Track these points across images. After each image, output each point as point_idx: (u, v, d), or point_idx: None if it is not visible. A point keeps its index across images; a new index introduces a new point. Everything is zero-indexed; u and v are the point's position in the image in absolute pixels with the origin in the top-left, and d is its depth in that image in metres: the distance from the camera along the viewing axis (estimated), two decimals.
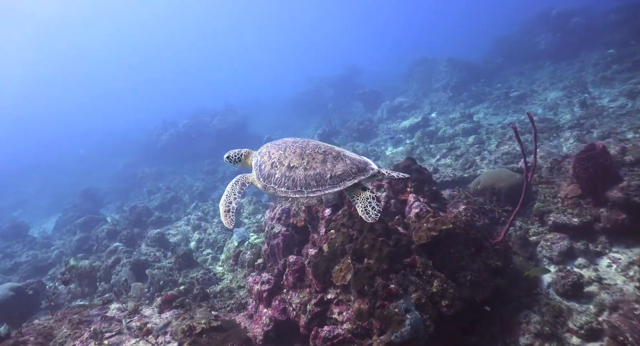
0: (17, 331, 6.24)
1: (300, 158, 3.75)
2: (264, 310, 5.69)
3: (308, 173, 3.65)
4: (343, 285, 4.98)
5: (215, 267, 9.87)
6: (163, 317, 5.95)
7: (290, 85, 40.10)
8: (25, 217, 24.09)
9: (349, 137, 18.90)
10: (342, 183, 3.59)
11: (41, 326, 6.24)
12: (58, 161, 37.16)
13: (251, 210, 13.17)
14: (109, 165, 31.37)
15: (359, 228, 5.19)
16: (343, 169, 3.62)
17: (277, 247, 6.82)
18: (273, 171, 3.82)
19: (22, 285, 10.11)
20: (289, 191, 3.70)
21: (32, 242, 17.25)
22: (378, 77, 33.22)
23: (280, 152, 3.89)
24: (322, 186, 3.62)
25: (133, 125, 40.31)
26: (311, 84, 35.22)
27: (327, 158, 3.69)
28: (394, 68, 34.70)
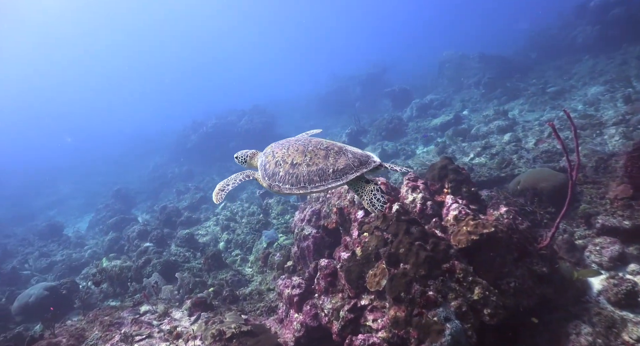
0: (50, 332, 6.30)
1: (303, 155, 3.80)
2: (294, 315, 5.52)
3: (311, 169, 3.70)
4: (378, 290, 4.76)
5: (245, 268, 9.79)
6: (193, 321, 5.86)
7: (317, 84, 40.00)
8: (60, 216, 24.82)
9: (378, 136, 18.56)
10: (345, 176, 3.60)
11: (73, 328, 6.28)
12: (92, 161, 38.22)
13: (279, 211, 13.05)
14: (141, 165, 32.00)
15: (393, 232, 4.94)
16: (345, 163, 3.64)
17: (308, 250, 6.64)
18: (277, 169, 3.89)
19: (56, 284, 10.32)
20: (293, 187, 3.75)
21: (67, 241, 17.70)
22: (406, 74, 32.63)
23: (283, 151, 3.96)
24: (325, 181, 3.64)
25: (163, 126, 41.04)
26: (338, 83, 34.97)
27: (329, 154, 3.73)
28: (423, 65, 34.10)
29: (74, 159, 40.82)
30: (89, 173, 34.37)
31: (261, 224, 12.08)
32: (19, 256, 16.25)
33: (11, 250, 17.31)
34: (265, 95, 43.52)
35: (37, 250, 16.54)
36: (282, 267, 7.65)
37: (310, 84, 42.57)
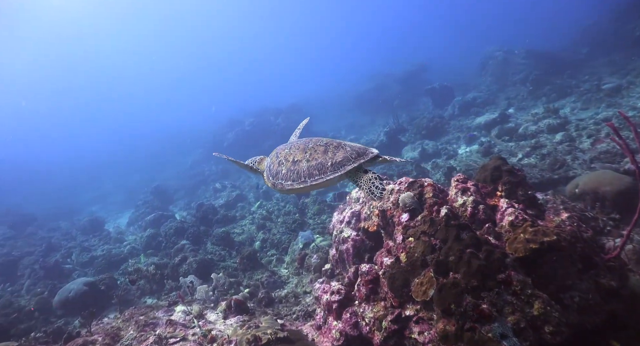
0: (87, 330, 6.28)
1: (304, 152, 3.95)
2: (333, 323, 5.22)
3: (310, 164, 3.84)
4: (424, 300, 4.39)
5: (280, 269, 9.58)
6: (228, 324, 5.68)
7: (353, 82, 39.54)
8: (102, 211, 25.60)
9: (418, 135, 18.00)
10: (343, 168, 3.71)
11: (109, 326, 6.25)
12: (133, 158, 39.34)
13: (316, 210, 12.80)
14: (179, 162, 32.60)
15: (442, 237, 4.56)
16: (343, 156, 3.76)
17: (347, 253, 6.33)
18: (280, 168, 4.06)
19: (95, 280, 10.48)
20: (294, 183, 3.88)
21: (107, 236, 18.15)
22: (446, 72, 31.63)
23: (286, 150, 4.16)
24: (323, 173, 3.76)
25: (201, 124, 41.70)
26: (375, 81, 34.43)
27: (328, 149, 3.87)
28: (464, 62, 33.02)
29: (117, 156, 42.15)
30: (131, 170, 35.37)
31: (297, 224, 11.87)
32: (62, 250, 16.76)
33: (55, 243, 17.91)
34: (302, 94, 43.46)
35: (79, 245, 17.03)
36: (319, 270, 7.38)
37: (347, 82, 42.11)
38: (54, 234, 20.25)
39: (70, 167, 40.90)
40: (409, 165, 14.81)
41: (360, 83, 36.55)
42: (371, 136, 21.84)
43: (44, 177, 38.48)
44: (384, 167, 16.54)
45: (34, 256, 16.18)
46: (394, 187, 5.57)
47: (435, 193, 5.16)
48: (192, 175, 27.31)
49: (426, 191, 5.20)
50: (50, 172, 40.00)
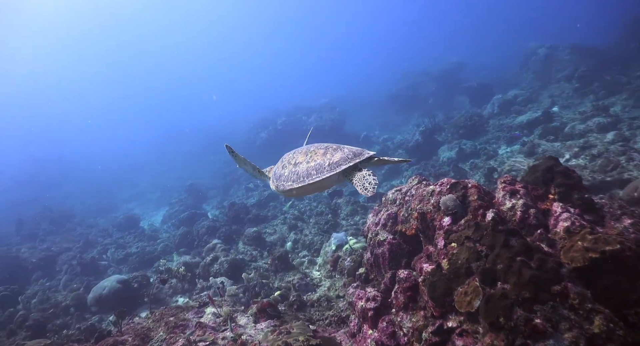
0: (118, 330, 6.25)
1: (305, 155, 4.20)
2: (368, 332, 4.93)
3: (310, 165, 4.06)
4: (469, 312, 4.04)
5: (312, 271, 9.35)
6: (258, 328, 5.49)
7: (387, 81, 38.97)
8: (138, 209, 26.18)
9: (455, 134, 17.40)
10: (339, 167, 3.90)
11: (140, 326, 6.18)
12: (170, 157, 40.18)
13: (349, 211, 12.52)
14: (213, 161, 32.98)
15: (489, 243, 4.19)
16: (340, 156, 3.98)
17: (382, 257, 6.02)
18: (283, 171, 4.34)
19: (128, 277, 10.59)
20: (294, 183, 4.11)
21: (142, 234, 18.47)
22: (485, 70, 30.65)
23: (290, 155, 4.46)
24: (320, 173, 3.96)
25: (235, 124, 42.13)
26: (410, 80, 33.79)
27: (327, 151, 4.09)
28: (502, 60, 31.95)
29: (154, 155, 43.20)
30: (167, 168, 36.12)
31: (330, 225, 11.62)
32: (99, 246, 17.19)
33: (92, 240, 18.39)
34: (335, 93, 43.20)
35: (115, 242, 17.40)
36: (353, 274, 7.09)
37: (380, 81, 41.57)
38: (91, 230, 20.83)
39: (110, 165, 42.21)
40: (445, 166, 14.30)
41: (394, 81, 35.98)
42: (406, 135, 21.36)
43: (85, 174, 39.85)
44: (419, 167, 16.07)
45: (71, 252, 16.67)
46: (435, 188, 5.22)
47: (481, 195, 4.78)
48: (225, 174, 27.54)
49: (470, 193, 4.83)
50: (90, 170, 41.39)
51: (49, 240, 19.80)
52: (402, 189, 6.41)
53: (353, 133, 26.81)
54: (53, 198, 30.13)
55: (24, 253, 17.52)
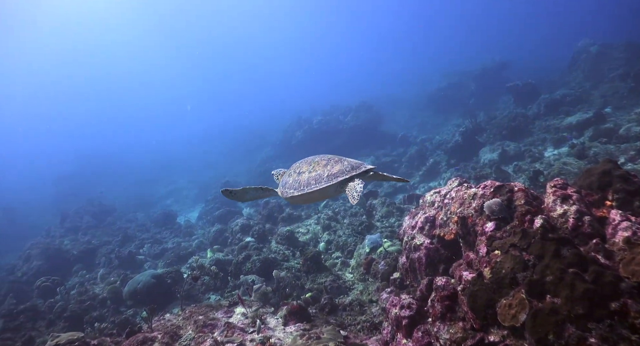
0: (148, 326, 6.25)
1: (308, 165, 4.46)
2: (402, 341, 4.67)
3: (311, 175, 4.31)
4: (513, 326, 3.72)
5: (345, 273, 9.12)
6: (287, 331, 5.33)
7: (427, 80, 38.17)
8: (176, 205, 26.76)
9: (497, 135, 16.69)
10: (336, 178, 4.13)
11: (170, 323, 6.16)
12: (208, 154, 40.96)
13: (384, 213, 12.20)
14: (250, 160, 33.31)
15: (537, 252, 3.84)
16: (339, 169, 4.20)
17: (418, 262, 5.73)
18: (288, 179, 4.59)
19: (162, 273, 10.71)
20: (295, 191, 4.36)
21: (178, 229, 18.81)
22: (530, 69, 29.33)
23: (297, 164, 4.72)
24: (319, 183, 4.20)
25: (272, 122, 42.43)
26: (449, 79, 32.91)
27: (329, 163, 4.33)
28: (551, 59, 30.54)
29: (193, 153, 44.18)
30: (205, 166, 36.82)
31: (364, 226, 11.34)
32: (137, 241, 17.63)
33: (131, 234, 18.89)
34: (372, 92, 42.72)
35: (152, 237, 17.78)
36: (387, 278, 6.81)
37: (421, 81, 40.76)
38: (130, 225, 21.43)
39: (150, 162, 43.49)
40: (487, 168, 13.72)
41: (434, 81, 35.13)
42: (445, 136, 20.76)
43: (126, 170, 41.21)
44: (459, 168, 15.52)
45: (110, 245, 17.16)
46: (477, 191, 4.88)
47: (528, 200, 4.41)
48: (261, 172, 27.69)
49: (517, 197, 4.47)
50: (132, 166, 42.79)
51: (90, 233, 20.55)
52: (441, 191, 6.08)
53: (390, 133, 26.37)
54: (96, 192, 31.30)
55: (67, 245, 18.24)
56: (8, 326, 10.35)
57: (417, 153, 20.00)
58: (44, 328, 9.97)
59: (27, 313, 10.80)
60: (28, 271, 15.72)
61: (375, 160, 20.67)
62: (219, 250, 13.10)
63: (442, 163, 17.50)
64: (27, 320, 10.55)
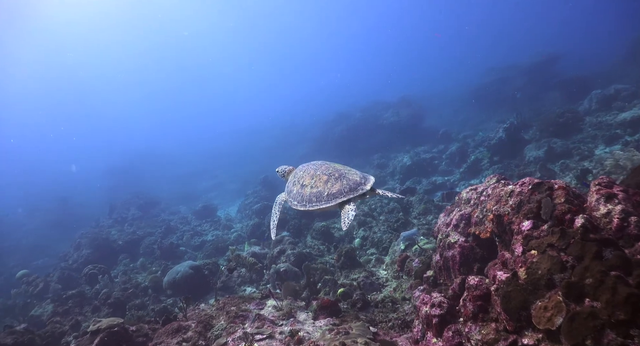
0: (183, 315, 6.45)
1: (311, 178, 4.57)
2: (432, 340, 4.57)
3: (312, 191, 4.46)
4: (548, 329, 3.55)
5: (379, 270, 9.04)
6: (317, 325, 5.34)
7: (471, 75, 37.08)
8: (217, 199, 27.42)
9: (544, 132, 15.94)
10: (334, 200, 4.28)
11: (204, 313, 6.34)
12: (250, 150, 41.74)
13: (421, 210, 11.98)
14: (289, 155, 33.60)
15: (576, 254, 3.65)
16: (338, 189, 4.31)
17: (452, 260, 5.59)
18: (293, 188, 4.77)
19: (200, 264, 11.03)
20: (298, 204, 4.57)
21: (218, 222, 19.28)
22: (582, 63, 27.88)
23: (300, 173, 4.83)
24: (319, 202, 4.37)
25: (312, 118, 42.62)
26: (495, 74, 31.76)
27: (329, 179, 4.41)
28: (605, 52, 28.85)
29: (236, 148, 45.15)
30: (247, 161, 37.52)
31: (400, 223, 11.19)
32: (178, 232, 18.23)
33: (173, 226, 19.57)
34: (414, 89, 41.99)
35: (193, 229, 18.34)
36: (420, 276, 6.68)
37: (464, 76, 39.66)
38: (173, 217, 22.20)
39: (194, 157, 44.85)
40: (531, 166, 13.19)
41: (478, 76, 34.07)
42: (488, 133, 20.10)
43: (172, 165, 42.69)
44: (502, 166, 15.01)
45: (154, 237, 17.84)
46: (514, 188, 4.69)
47: (569, 198, 4.19)
48: None
49: (556, 195, 4.25)
50: (177, 161, 44.30)
51: (135, 225, 21.48)
52: (477, 188, 5.88)
53: (431, 129, 25.84)
54: (142, 186, 32.67)
55: (114, 235, 19.13)
56: (57, 310, 11.00)
57: (458, 150, 19.49)
58: (90, 313, 10.51)
59: (75, 298, 11.44)
60: (78, 258, 16.62)
61: (415, 156, 20.29)
62: (255, 244, 13.34)
63: (484, 161, 16.95)
64: (75, 305, 11.17)
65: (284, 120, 49.85)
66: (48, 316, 11.18)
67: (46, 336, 8.92)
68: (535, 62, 28.83)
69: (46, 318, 11.01)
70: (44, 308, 12.55)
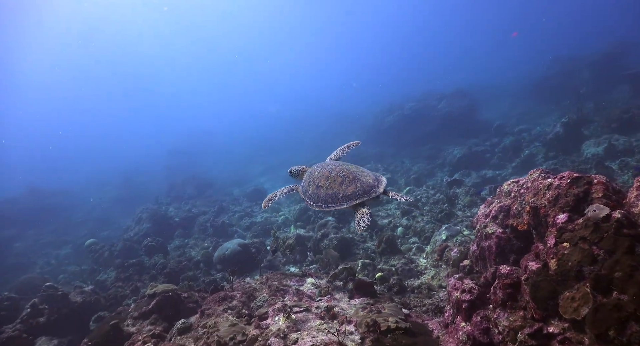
0: (230, 286, 7.00)
1: (326, 180, 4.84)
2: (461, 324, 4.75)
3: (328, 192, 4.73)
4: (574, 319, 3.66)
5: (419, 259, 9.19)
6: (352, 304, 5.65)
7: (532, 67, 35.45)
8: (268, 183, 28.28)
9: (606, 128, 15.19)
10: (349, 202, 4.59)
11: (248, 286, 6.84)
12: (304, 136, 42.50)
13: (467, 202, 11.93)
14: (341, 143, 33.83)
15: (608, 247, 3.69)
16: (352, 191, 4.61)
17: (489, 251, 5.67)
18: (308, 188, 5.06)
19: (248, 242, 11.66)
20: (314, 204, 4.87)
21: None
22: None
23: (315, 174, 5.11)
24: (335, 203, 4.68)
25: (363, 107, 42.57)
26: (559, 66, 30.16)
27: (344, 182, 4.70)
28: None
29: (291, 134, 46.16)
30: (302, 147, 38.27)
31: (444, 214, 11.22)
32: (230, 213, 19.16)
33: (225, 207, 20.59)
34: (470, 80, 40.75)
35: (244, 210, 19.20)
36: (457, 265, 6.80)
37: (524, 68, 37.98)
38: (226, 198, 23.28)
39: (248, 142, 46.36)
40: (588, 163, 12.70)
41: (541, 68, 32.52)
42: (545, 127, 19.37)
43: (228, 148, 44.40)
44: (556, 161, 14.53)
45: (207, 215, 18.89)
46: (553, 181, 4.71)
47: (608, 193, 4.19)
48: (350, 156, 28.01)
49: (594, 190, 4.26)
50: (232, 144, 46.04)
51: (191, 203, 22.81)
52: (519, 181, 5.90)
53: (485, 122, 25.14)
54: (198, 167, 34.36)
55: (171, 212, 20.43)
56: (120, 276, 12.13)
57: (511, 144, 18.92)
58: (148, 281, 11.49)
59: (135, 267, 12.51)
60: (139, 231, 17.96)
61: (466, 149, 19.91)
62: (301, 227, 13.82)
63: (539, 156, 16.39)
64: (134, 272, 12.24)
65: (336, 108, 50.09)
66: (111, 281, 12.39)
67: (110, 298, 9.97)
68: (603, 52, 27.14)
69: (110, 283, 12.22)
70: (108, 274, 13.86)
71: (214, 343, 5.04)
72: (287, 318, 5.18)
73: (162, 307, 6.86)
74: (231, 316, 5.72)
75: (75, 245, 20.64)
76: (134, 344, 5.78)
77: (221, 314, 5.84)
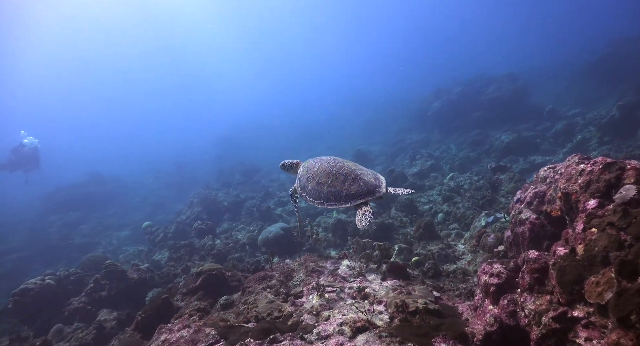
0: (269, 266, 7.43)
1: (327, 177, 4.78)
2: (489, 307, 4.85)
3: (330, 189, 4.68)
4: (598, 303, 3.69)
5: (457, 245, 9.22)
6: (384, 285, 5.85)
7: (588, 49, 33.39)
8: None
9: None
10: (353, 201, 4.55)
11: (287, 266, 7.24)
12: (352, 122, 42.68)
13: (510, 188, 11.69)
14: (385, 130, 33.72)
15: (635, 233, 3.68)
16: (356, 190, 4.58)
17: (522, 236, 5.69)
18: (307, 184, 4.97)
19: (290, 226, 12.07)
20: (315, 201, 4.81)
21: None
22: None
23: (314, 169, 5.01)
24: (337, 201, 4.63)
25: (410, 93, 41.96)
26: (616, 48, 28.10)
27: (346, 180, 4.67)
28: None
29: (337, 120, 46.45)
30: (347, 133, 38.50)
31: (486, 200, 11.10)
32: (275, 198, 19.76)
33: (271, 192, 21.26)
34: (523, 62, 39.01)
35: (288, 196, 19.75)
36: (491, 250, 6.83)
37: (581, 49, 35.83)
38: (272, 184, 23.98)
39: (293, 130, 47.12)
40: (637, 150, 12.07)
41: (595, 50, 30.56)
42: (601, 111, 18.39)
43: (274, 136, 45.38)
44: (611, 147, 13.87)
45: (254, 200, 19.62)
46: (585, 167, 4.66)
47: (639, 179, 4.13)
48: (394, 142, 27.95)
49: (627, 175, 4.20)
50: (277, 132, 46.99)
51: (239, 189, 23.76)
52: (556, 167, 5.85)
53: (537, 106, 24.10)
54: (245, 154, 35.46)
55: (220, 197, 21.36)
56: (172, 256, 13.00)
57: (564, 129, 18.12)
58: (197, 261, 12.27)
59: (186, 248, 13.35)
60: (190, 215, 19.00)
61: (515, 135, 19.27)
62: (343, 212, 14.09)
63: (593, 141, 15.65)
64: (185, 253, 13.07)
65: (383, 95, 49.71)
66: (165, 261, 13.33)
67: (163, 275, 10.81)
68: None
69: (163, 262, 13.14)
70: (162, 254, 14.86)
71: (253, 317, 5.46)
72: (321, 296, 5.50)
73: (207, 284, 7.42)
74: (269, 294, 6.12)
75: (134, 227, 22.22)
76: (181, 317, 6.32)
77: (261, 292, 6.27)
